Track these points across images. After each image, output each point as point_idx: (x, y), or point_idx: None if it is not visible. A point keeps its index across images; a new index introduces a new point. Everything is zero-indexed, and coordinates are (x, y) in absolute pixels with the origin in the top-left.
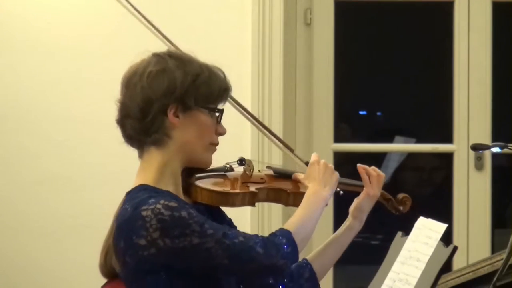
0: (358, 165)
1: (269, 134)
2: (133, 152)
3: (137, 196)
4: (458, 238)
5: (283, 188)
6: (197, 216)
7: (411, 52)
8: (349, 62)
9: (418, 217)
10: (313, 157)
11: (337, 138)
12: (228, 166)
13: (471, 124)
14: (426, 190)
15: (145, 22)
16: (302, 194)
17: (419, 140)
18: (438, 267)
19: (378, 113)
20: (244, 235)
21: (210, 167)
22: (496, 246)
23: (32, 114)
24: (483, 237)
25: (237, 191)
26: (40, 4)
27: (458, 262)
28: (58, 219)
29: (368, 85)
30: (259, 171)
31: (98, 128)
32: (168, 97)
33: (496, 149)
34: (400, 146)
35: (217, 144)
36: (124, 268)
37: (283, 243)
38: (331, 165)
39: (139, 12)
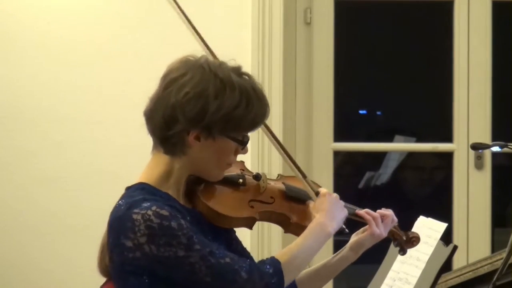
0: (358, 211)
1: (285, 155)
2: (132, 153)
3: (133, 195)
4: (458, 237)
5: (287, 215)
6: (187, 228)
7: (411, 52)
8: (349, 62)
9: (418, 216)
10: (323, 189)
11: (337, 138)
12: (241, 180)
13: (471, 123)
14: (426, 189)
15: (146, 23)
16: (305, 227)
17: (419, 139)
18: (438, 266)
19: (378, 113)
20: (232, 257)
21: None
22: (496, 245)
23: (31, 114)
24: (483, 236)
25: (236, 215)
26: (40, 4)
27: (458, 261)
28: (57, 219)
29: (368, 85)
30: (271, 182)
31: (97, 128)
32: (194, 124)
33: (496, 148)
34: (400, 146)
35: (232, 163)
36: (110, 263)
37: (269, 272)
38: (342, 202)
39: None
